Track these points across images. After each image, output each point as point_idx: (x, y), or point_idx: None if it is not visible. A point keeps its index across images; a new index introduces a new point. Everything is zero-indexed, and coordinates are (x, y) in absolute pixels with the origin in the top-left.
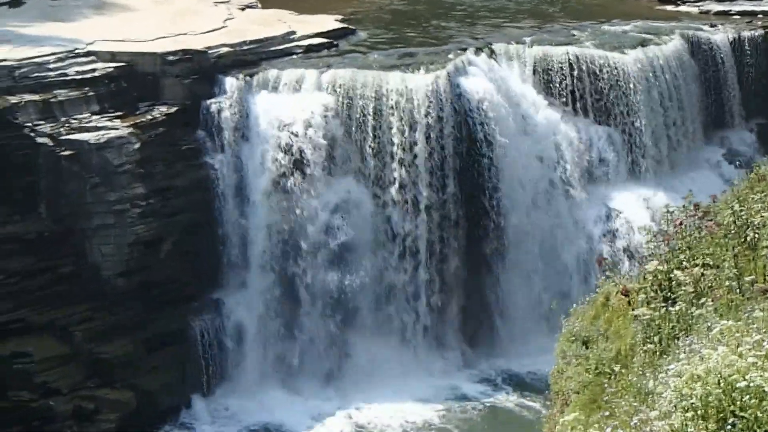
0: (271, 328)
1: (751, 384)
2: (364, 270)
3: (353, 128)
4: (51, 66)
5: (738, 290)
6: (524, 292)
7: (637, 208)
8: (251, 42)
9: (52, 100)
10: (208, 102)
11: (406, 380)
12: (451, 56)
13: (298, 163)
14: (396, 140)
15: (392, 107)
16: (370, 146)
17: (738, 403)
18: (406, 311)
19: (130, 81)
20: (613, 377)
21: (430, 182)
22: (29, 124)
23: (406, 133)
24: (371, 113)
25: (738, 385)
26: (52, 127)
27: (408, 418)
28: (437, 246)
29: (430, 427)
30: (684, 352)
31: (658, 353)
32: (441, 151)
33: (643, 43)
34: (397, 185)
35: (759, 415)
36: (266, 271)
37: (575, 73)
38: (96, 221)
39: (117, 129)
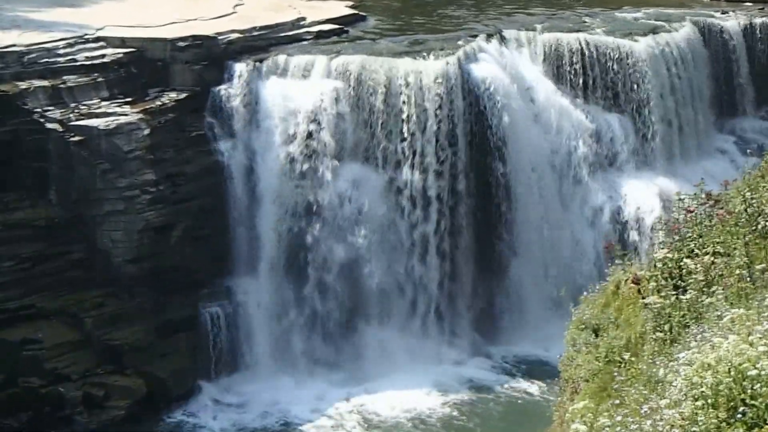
0: (281, 315)
1: (762, 372)
2: (375, 258)
3: (363, 114)
4: (60, 52)
5: (749, 278)
6: (534, 279)
7: (647, 195)
8: (261, 28)
9: (61, 86)
10: (218, 88)
11: (416, 368)
12: (461, 43)
13: (308, 149)
14: (406, 127)
15: (402, 94)
16: (379, 133)
17: (749, 391)
18: (416, 299)
19: (139, 67)
20: (623, 365)
21: (440, 169)
22: (39, 110)
23: (416, 120)
24: (381, 100)
25: (749, 373)
26: (61, 113)
27: (416, 406)
28: (447, 234)
29: (439, 415)
30: (695, 341)
31: (668, 342)
32: (451, 138)
33: (654, 30)
34: (406, 172)
35: None
36: (277, 258)
37: (586, 60)
38: (106, 207)
39: (127, 115)
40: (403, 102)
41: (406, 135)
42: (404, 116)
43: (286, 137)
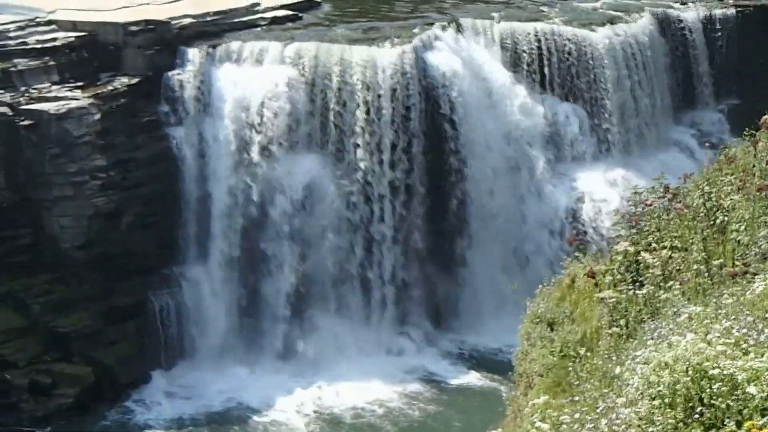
0: (232, 303)
1: (724, 372)
2: (326, 246)
3: (317, 102)
4: (11, 35)
5: (706, 274)
6: (488, 270)
7: (604, 187)
8: (215, 13)
9: (11, 69)
10: (171, 73)
11: (369, 358)
12: (417, 31)
13: (260, 136)
14: (360, 114)
15: (357, 81)
16: (333, 120)
17: (707, 391)
18: (369, 289)
19: (91, 51)
20: (578, 360)
21: (394, 158)
22: None
23: (371, 108)
24: (335, 87)
25: (711, 372)
26: (11, 96)
27: (368, 397)
28: (401, 223)
29: (391, 406)
30: (651, 338)
31: (624, 337)
32: (406, 127)
33: (612, 21)
34: (360, 160)
35: (730, 403)
36: (227, 244)
37: (543, 49)
38: (55, 192)
39: (77, 99)
40: (358, 90)
41: (359, 123)
42: (359, 104)
43: (238, 124)
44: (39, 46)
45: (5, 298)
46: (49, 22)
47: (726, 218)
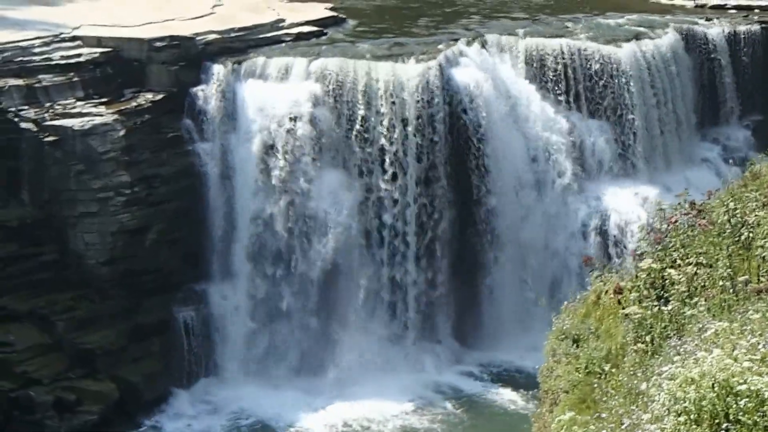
0: (257, 319)
1: (751, 387)
2: (352, 263)
3: (341, 118)
4: (36, 50)
5: (731, 290)
6: (515, 288)
7: (629, 204)
8: (240, 29)
9: (36, 85)
10: (195, 89)
11: (393, 375)
12: (442, 47)
13: (285, 152)
14: (385, 131)
15: (382, 97)
16: (358, 136)
17: (734, 407)
18: (395, 306)
19: (116, 67)
20: (603, 377)
21: (420, 175)
22: (13, 109)
23: (396, 124)
24: (360, 103)
25: (737, 388)
26: (36, 112)
27: (392, 414)
28: (427, 240)
29: (416, 424)
30: (678, 353)
31: (649, 353)
32: (431, 143)
33: (638, 37)
34: (385, 176)
35: (756, 419)
36: (252, 261)
37: (568, 65)
38: (80, 209)
39: (102, 115)
40: (383, 106)
41: (385, 139)
42: (383, 120)
43: (263, 140)
44: (64, 62)
45: (30, 315)
46: (74, 38)
47: (751, 234)
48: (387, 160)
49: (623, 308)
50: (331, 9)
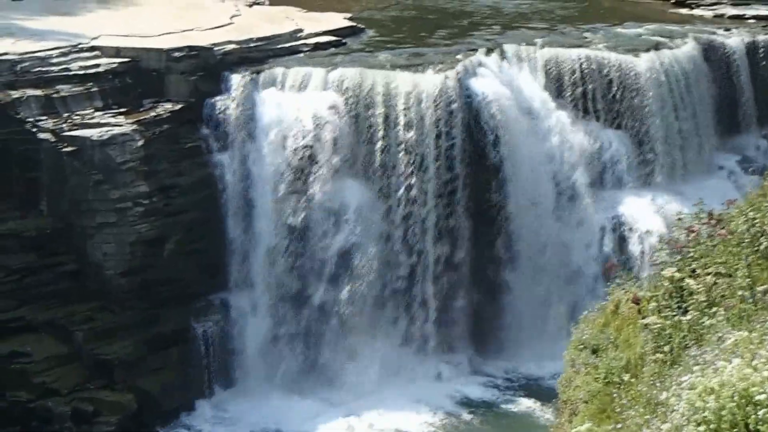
0: (276, 329)
1: None
2: (371, 272)
3: (360, 128)
4: (54, 60)
5: (751, 300)
6: (533, 297)
7: (648, 214)
8: (258, 39)
9: (54, 95)
10: (214, 99)
11: (412, 384)
12: (460, 57)
13: (304, 162)
14: (404, 141)
15: (400, 108)
16: (377, 147)
17: (753, 417)
18: (413, 314)
19: (134, 77)
20: (622, 387)
21: (438, 185)
22: (31, 120)
23: (414, 134)
24: (379, 113)
25: (757, 398)
26: (54, 122)
27: (412, 422)
28: (445, 250)
29: None
30: (697, 363)
31: (668, 363)
32: (449, 154)
33: (656, 47)
34: (404, 187)
35: None
36: (271, 271)
37: (587, 75)
38: (98, 219)
39: (120, 126)
40: (402, 116)
41: (403, 150)
42: (402, 130)
43: (281, 150)
44: (82, 72)
45: (48, 326)
46: (92, 48)
47: None
48: (405, 170)
49: (643, 318)
50: (350, 19)
